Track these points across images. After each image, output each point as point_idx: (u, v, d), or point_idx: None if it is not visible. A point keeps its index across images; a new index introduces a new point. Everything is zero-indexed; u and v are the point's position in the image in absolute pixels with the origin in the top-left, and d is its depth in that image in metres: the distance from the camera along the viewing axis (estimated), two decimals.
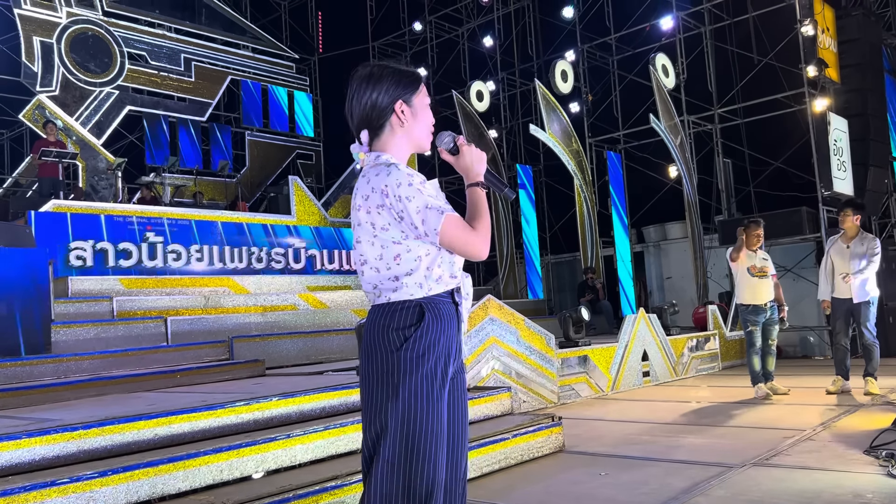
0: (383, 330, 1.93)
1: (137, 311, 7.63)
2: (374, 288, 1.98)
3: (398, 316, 1.93)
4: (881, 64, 12.80)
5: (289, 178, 11.80)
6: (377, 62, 2.12)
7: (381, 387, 1.91)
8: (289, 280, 9.97)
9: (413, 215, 1.91)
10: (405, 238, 1.94)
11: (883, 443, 4.36)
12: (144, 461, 3.17)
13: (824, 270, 7.04)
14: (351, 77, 2.11)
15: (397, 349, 1.90)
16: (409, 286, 1.94)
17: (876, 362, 6.74)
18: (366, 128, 2.06)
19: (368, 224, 1.96)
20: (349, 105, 2.09)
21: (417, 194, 1.92)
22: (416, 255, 1.95)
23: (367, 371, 1.95)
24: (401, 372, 1.89)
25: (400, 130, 2.06)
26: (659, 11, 13.45)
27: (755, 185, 13.01)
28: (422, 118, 2.10)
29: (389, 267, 1.95)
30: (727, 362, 9.84)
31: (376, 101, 2.04)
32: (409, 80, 2.09)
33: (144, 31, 13.96)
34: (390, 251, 1.94)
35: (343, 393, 4.51)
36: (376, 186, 1.94)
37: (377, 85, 2.04)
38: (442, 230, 1.92)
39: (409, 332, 1.91)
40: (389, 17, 18.06)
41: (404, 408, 1.88)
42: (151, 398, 4.68)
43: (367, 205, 1.95)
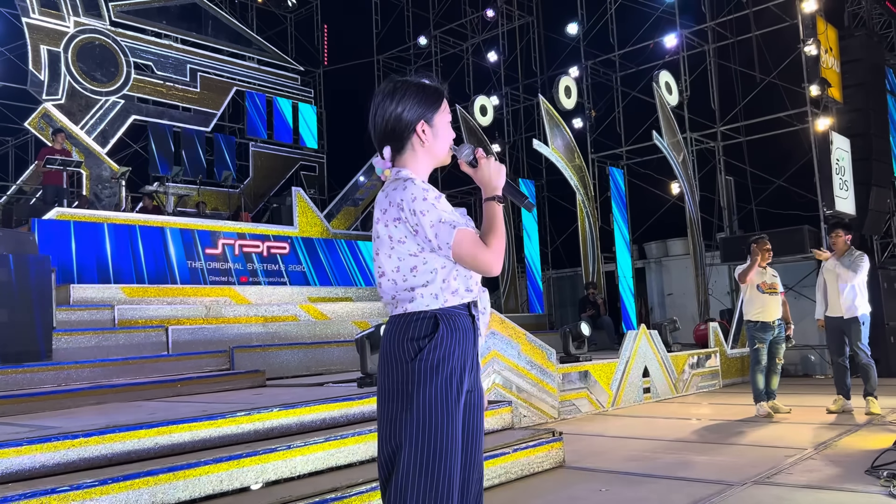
0: (399, 340, 1.95)
1: (139, 319, 7.63)
2: (392, 298, 2.01)
3: (413, 326, 1.95)
4: (884, 84, 12.85)
5: (292, 189, 11.83)
6: (401, 78, 2.14)
7: (396, 397, 1.92)
8: (290, 291, 9.97)
9: (427, 229, 1.94)
10: (421, 251, 1.97)
11: (884, 463, 4.35)
12: (145, 470, 3.17)
13: (819, 289, 7.10)
14: (376, 93, 2.13)
15: (411, 359, 1.92)
16: (424, 297, 1.96)
17: (874, 381, 6.73)
18: (388, 143, 2.10)
19: (386, 237, 1.99)
20: (372, 120, 2.12)
21: (431, 209, 1.95)
22: (432, 268, 1.97)
23: (383, 381, 1.97)
24: (415, 382, 1.91)
25: (421, 149, 2.10)
26: (663, 29, 13.53)
27: (757, 202, 13.02)
28: (443, 136, 2.13)
29: (406, 279, 1.98)
30: (728, 380, 9.81)
31: (399, 118, 2.07)
32: (431, 97, 2.11)
33: (151, 41, 14.04)
34: (407, 263, 1.98)
35: (344, 405, 4.50)
36: (393, 200, 1.97)
37: (400, 102, 2.07)
38: (454, 245, 1.94)
39: (424, 343, 1.93)
40: (395, 32, 18.16)
41: (419, 419, 1.89)
42: (152, 407, 4.67)
43: (385, 218, 1.99)
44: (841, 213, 11.06)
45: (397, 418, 1.91)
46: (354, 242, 11.87)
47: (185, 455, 3.54)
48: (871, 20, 13.34)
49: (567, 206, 14.49)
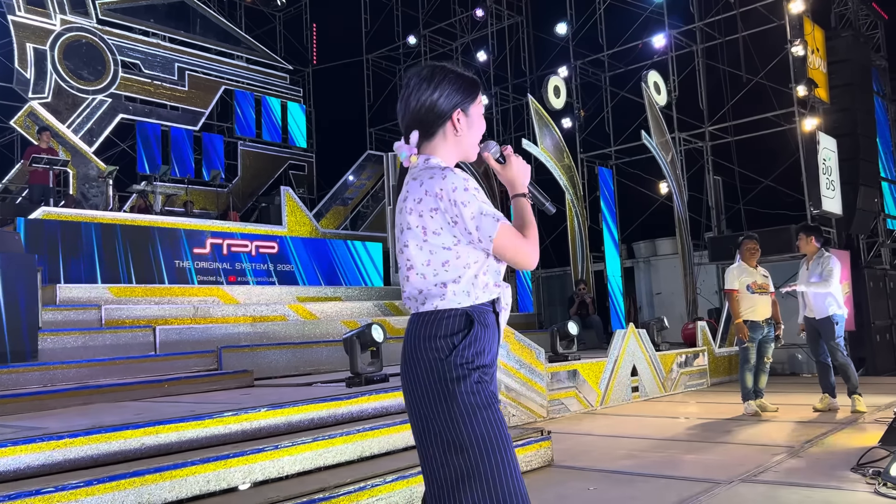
0: (429, 339, 1.88)
1: (126, 319, 7.59)
2: (420, 294, 1.93)
3: (445, 324, 1.88)
4: (870, 85, 12.95)
5: (281, 188, 11.80)
6: (438, 63, 2.07)
7: (436, 396, 1.84)
8: (279, 291, 9.94)
9: (468, 221, 1.87)
10: (456, 244, 1.90)
11: (870, 460, 4.38)
12: (131, 471, 3.15)
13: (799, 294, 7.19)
14: (408, 77, 2.07)
15: (446, 357, 1.85)
16: (456, 294, 1.89)
17: (854, 379, 6.79)
18: (417, 129, 2.02)
19: (419, 228, 1.91)
20: (404, 102, 2.04)
21: (473, 199, 1.88)
22: (465, 262, 1.91)
23: (416, 381, 1.89)
24: (453, 379, 1.84)
25: (452, 138, 2.03)
26: (651, 29, 13.58)
27: (745, 202, 13.10)
28: (476, 127, 2.08)
29: (437, 273, 1.90)
30: (716, 378, 9.86)
31: (434, 104, 2.00)
32: (469, 86, 2.05)
33: (138, 39, 13.96)
34: (439, 257, 1.90)
35: (332, 405, 4.49)
36: (430, 189, 1.90)
37: (437, 88, 2.00)
38: (497, 237, 1.89)
39: (458, 340, 1.86)
40: (384, 31, 18.14)
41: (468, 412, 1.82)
42: (139, 407, 4.64)
43: (420, 208, 1.91)
44: (828, 213, 11.14)
45: (443, 420, 1.82)
46: (344, 242, 11.85)
47: (171, 455, 3.52)
48: (857, 21, 13.44)
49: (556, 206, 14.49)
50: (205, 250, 9.86)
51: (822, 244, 7.12)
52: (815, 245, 7.06)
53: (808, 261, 7.11)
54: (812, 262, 7.03)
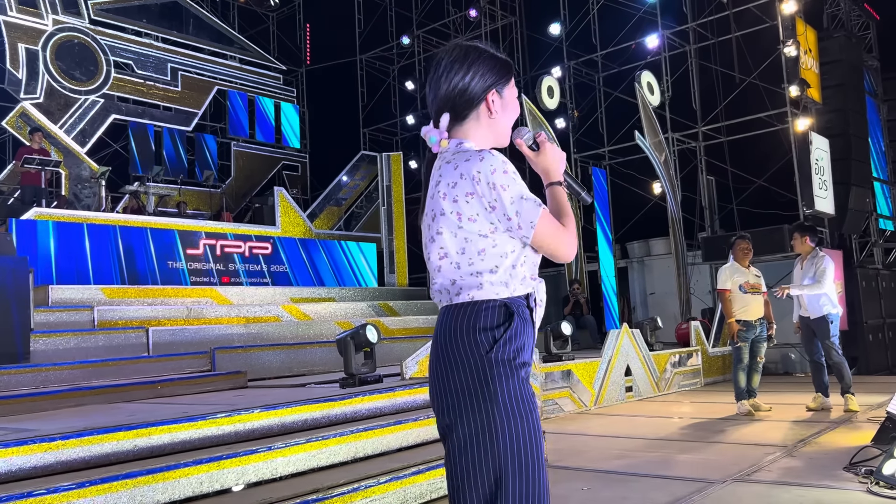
0: (468, 331, 1.74)
1: (119, 320, 7.56)
2: (453, 284, 1.79)
3: (484, 315, 1.74)
4: (862, 85, 12.99)
5: (274, 189, 11.78)
6: (470, 42, 1.94)
7: (474, 394, 1.72)
8: (272, 291, 9.92)
9: (507, 205, 1.74)
10: (493, 231, 1.77)
11: (863, 459, 4.39)
12: (123, 473, 3.13)
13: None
14: (438, 57, 1.94)
15: (487, 352, 1.72)
16: (494, 284, 1.76)
17: (848, 378, 6.82)
18: (448, 111, 1.89)
19: (453, 214, 1.78)
20: (434, 84, 1.92)
21: (513, 183, 1.76)
22: (501, 251, 1.77)
23: (449, 379, 1.75)
24: (494, 377, 1.71)
25: (486, 121, 1.91)
26: (644, 30, 13.60)
27: (738, 202, 13.13)
28: (511, 111, 1.96)
29: (472, 262, 1.77)
30: (709, 378, 9.88)
31: (468, 86, 1.87)
32: (503, 67, 1.93)
33: (131, 39, 13.91)
34: (474, 245, 1.77)
35: (326, 405, 4.48)
36: (466, 172, 1.77)
37: (471, 68, 1.88)
38: (538, 224, 1.76)
39: (499, 333, 1.73)
40: (377, 31, 18.12)
41: (509, 416, 1.71)
42: (131, 409, 4.63)
43: (454, 193, 1.78)
44: (821, 213, 11.18)
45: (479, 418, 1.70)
46: (338, 242, 11.83)
47: (164, 457, 3.51)
48: (849, 22, 13.49)
49: None
50: (198, 251, 9.84)
51: (816, 244, 7.16)
52: (809, 245, 7.09)
53: (802, 260, 7.14)
54: (806, 262, 7.07)
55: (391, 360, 7.50)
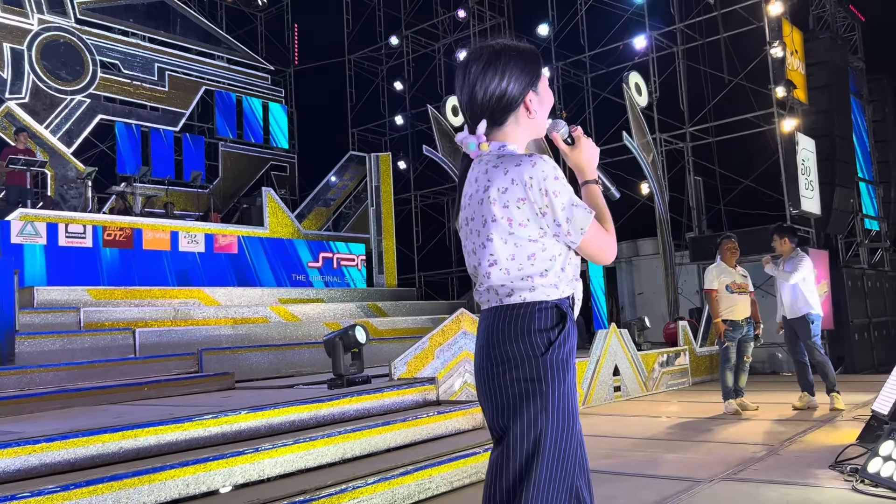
0: (523, 333, 1.75)
1: (105, 322, 7.51)
2: (503, 287, 1.80)
3: (539, 317, 1.76)
4: (847, 86, 13.10)
5: (262, 189, 11.73)
6: (496, 43, 1.90)
7: (527, 395, 1.72)
8: (260, 292, 9.89)
9: (558, 212, 1.75)
10: (542, 236, 1.78)
11: (848, 458, 4.42)
12: (108, 475, 3.11)
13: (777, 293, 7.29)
14: (467, 59, 1.91)
15: (542, 354, 1.73)
16: (545, 287, 1.78)
17: (832, 377, 6.86)
18: (486, 118, 1.88)
19: (504, 220, 1.78)
20: (468, 92, 1.88)
21: (564, 189, 1.76)
22: (551, 255, 1.79)
23: (504, 377, 1.75)
24: (548, 379, 1.72)
25: (525, 121, 1.90)
26: (632, 31, 13.65)
27: (725, 202, 13.20)
28: (547, 103, 1.94)
29: (522, 267, 1.78)
30: (697, 378, 9.92)
31: (504, 93, 1.85)
32: (534, 63, 1.91)
33: (118, 39, 13.83)
34: (524, 250, 1.78)
35: (313, 406, 4.47)
36: (517, 178, 1.76)
37: (505, 73, 1.85)
38: (588, 231, 1.79)
39: (554, 335, 1.75)
40: (366, 31, 18.10)
41: (557, 420, 1.72)
42: (117, 411, 4.60)
43: (505, 198, 1.77)
44: (807, 213, 11.26)
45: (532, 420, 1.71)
46: (326, 243, 11.81)
47: (150, 459, 3.49)
48: (835, 23, 13.59)
49: None
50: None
51: (796, 244, 7.21)
52: (789, 245, 7.15)
53: (783, 261, 7.19)
54: (787, 262, 7.11)
55: (380, 361, 7.49)
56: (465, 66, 1.90)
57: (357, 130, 18.20)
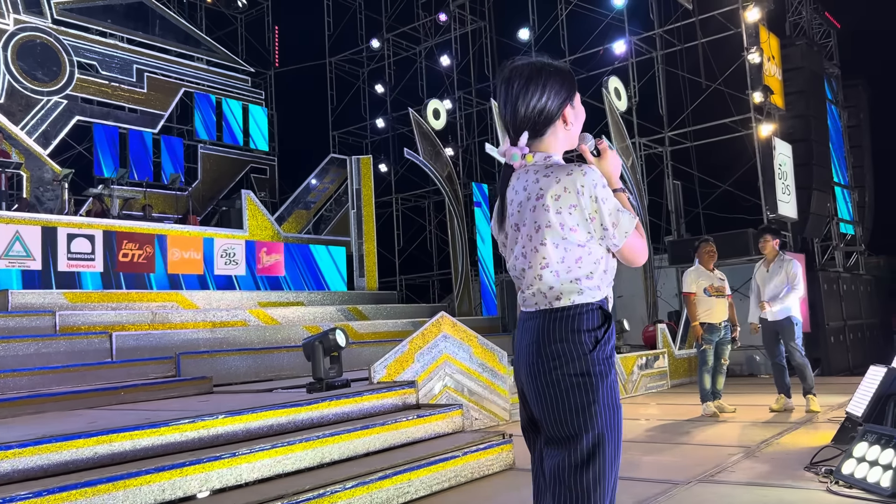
0: (573, 333, 1.90)
1: (81, 325, 7.43)
2: (551, 290, 1.94)
3: (585, 318, 1.91)
4: (823, 92, 13.27)
5: (242, 192, 11.65)
6: (536, 60, 2.04)
7: (578, 389, 1.88)
8: (239, 295, 9.82)
9: (605, 217, 1.90)
10: (589, 240, 1.93)
11: (823, 459, 4.47)
12: (82, 481, 3.07)
13: (753, 294, 7.29)
14: (508, 75, 2.04)
15: (590, 351, 1.89)
16: (591, 289, 1.93)
17: (810, 379, 6.94)
18: (528, 130, 2.01)
19: (557, 225, 1.91)
20: (510, 107, 2.02)
21: (610, 196, 1.92)
22: (595, 258, 1.94)
23: (554, 374, 1.90)
24: (596, 374, 1.88)
25: (563, 132, 2.05)
26: (612, 36, 13.74)
27: (704, 206, 13.31)
28: (581, 116, 2.09)
29: (570, 270, 1.93)
30: (676, 380, 9.99)
31: (545, 106, 2.00)
32: (570, 78, 2.06)
33: (95, 40, 13.69)
34: (573, 254, 1.93)
35: (292, 411, 4.45)
36: (570, 186, 1.90)
37: (546, 88, 1.99)
38: (631, 235, 1.95)
39: (601, 335, 1.91)
40: (347, 34, 18.07)
41: (606, 409, 1.88)
42: (93, 416, 4.54)
43: (558, 205, 1.91)
44: (783, 217, 11.38)
45: (586, 410, 1.87)
46: (306, 246, 11.76)
47: (125, 464, 3.45)
48: (811, 30, 13.77)
49: None
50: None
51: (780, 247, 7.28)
52: (774, 246, 7.20)
53: (767, 263, 7.21)
54: (773, 266, 7.13)
55: (360, 365, 7.47)
56: (507, 82, 2.03)
57: (338, 133, 18.15)
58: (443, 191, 13.36)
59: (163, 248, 9.75)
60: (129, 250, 9.35)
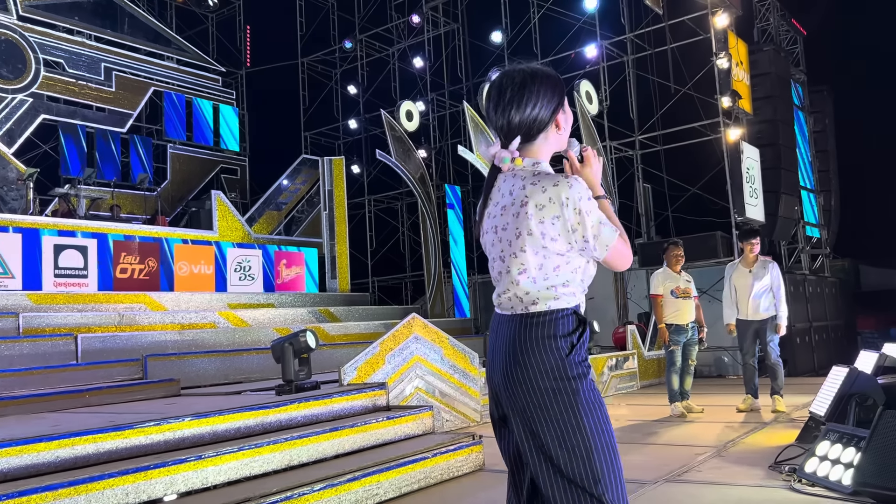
0: (549, 338, 1.92)
1: (46, 327, 7.30)
2: (527, 295, 1.96)
3: (562, 324, 1.93)
4: (790, 97, 13.50)
5: (211, 192, 11.54)
6: (527, 66, 2.06)
7: (559, 393, 1.89)
8: (209, 297, 9.72)
9: (588, 229, 1.93)
10: (569, 250, 1.96)
11: (786, 458, 4.54)
12: (43, 485, 3.02)
13: (728, 296, 7.33)
14: (500, 82, 2.05)
15: (567, 355, 1.91)
16: (566, 296, 1.96)
17: (781, 381, 7.04)
18: (520, 136, 2.03)
19: (539, 234, 1.94)
20: (501, 113, 2.03)
21: (594, 209, 1.95)
22: (573, 268, 1.98)
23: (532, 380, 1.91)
24: (576, 376, 1.90)
25: (554, 136, 2.07)
26: (584, 40, 13.84)
27: (673, 209, 13.45)
28: (570, 120, 2.12)
29: (547, 277, 1.95)
30: (645, 381, 10.08)
31: (538, 115, 2.02)
32: (561, 86, 2.08)
33: (62, 37, 13.46)
34: (551, 262, 1.95)
35: (260, 413, 4.41)
36: (555, 197, 1.93)
37: (539, 96, 2.02)
38: (612, 247, 1.97)
39: (576, 339, 1.94)
40: (320, 34, 17.98)
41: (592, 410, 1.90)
42: (56, 419, 4.46)
43: (541, 214, 1.93)
44: (751, 220, 11.54)
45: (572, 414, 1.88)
46: (278, 247, 11.67)
47: (88, 468, 3.39)
48: (778, 36, 14.00)
49: None
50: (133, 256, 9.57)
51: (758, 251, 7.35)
52: (754, 250, 7.25)
53: (749, 264, 7.23)
54: (756, 268, 7.16)
55: (332, 367, 7.43)
56: (499, 89, 2.04)
57: (310, 134, 18.05)
58: (415, 192, 13.35)
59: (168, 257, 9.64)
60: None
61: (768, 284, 7.08)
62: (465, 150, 12.62)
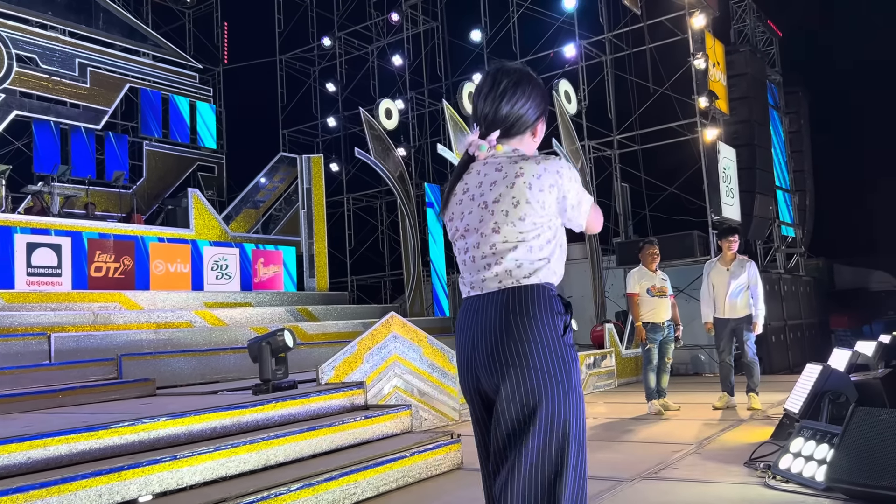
0: (545, 311, 1.91)
1: (18, 326, 7.18)
2: (519, 267, 1.95)
3: (554, 301, 1.95)
4: (766, 98, 13.65)
5: (188, 190, 11.42)
6: (523, 67, 2.12)
7: (556, 374, 1.88)
8: (185, 296, 9.62)
9: (571, 196, 2.01)
10: (556, 218, 2.02)
11: (761, 455, 4.59)
12: (13, 487, 2.97)
13: (705, 294, 7.39)
14: (495, 73, 2.08)
15: (560, 336, 1.91)
16: (550, 269, 1.99)
17: (757, 378, 7.12)
18: (501, 129, 2.07)
19: (537, 203, 1.96)
20: (491, 102, 2.06)
21: (578, 180, 2.05)
22: (560, 242, 2.04)
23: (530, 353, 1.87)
24: (569, 360, 1.91)
25: (528, 141, 2.13)
26: (562, 39, 13.88)
27: (651, 209, 13.55)
28: (542, 135, 2.20)
29: (542, 248, 1.98)
30: (623, 379, 10.15)
31: (525, 113, 2.08)
32: (547, 94, 2.18)
33: (35, 32, 13.25)
34: (545, 235, 1.99)
35: (236, 413, 4.37)
36: (549, 168, 1.99)
37: (530, 97, 2.08)
38: (590, 212, 2.10)
39: (567, 320, 1.96)
40: (298, 31, 17.88)
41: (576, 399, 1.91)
42: (28, 419, 4.40)
43: (540, 183, 1.96)
44: (727, 220, 11.66)
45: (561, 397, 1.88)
46: (256, 246, 11.59)
47: (61, 469, 3.34)
48: (754, 37, 14.15)
49: None
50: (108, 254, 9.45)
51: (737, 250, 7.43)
52: (732, 248, 7.33)
53: (727, 262, 7.30)
54: (734, 266, 7.24)
55: (310, 366, 7.38)
56: (494, 79, 2.08)
57: (288, 132, 17.94)
58: (395, 191, 13.32)
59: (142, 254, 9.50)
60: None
61: (745, 283, 7.16)
62: (445, 148, 12.61)
